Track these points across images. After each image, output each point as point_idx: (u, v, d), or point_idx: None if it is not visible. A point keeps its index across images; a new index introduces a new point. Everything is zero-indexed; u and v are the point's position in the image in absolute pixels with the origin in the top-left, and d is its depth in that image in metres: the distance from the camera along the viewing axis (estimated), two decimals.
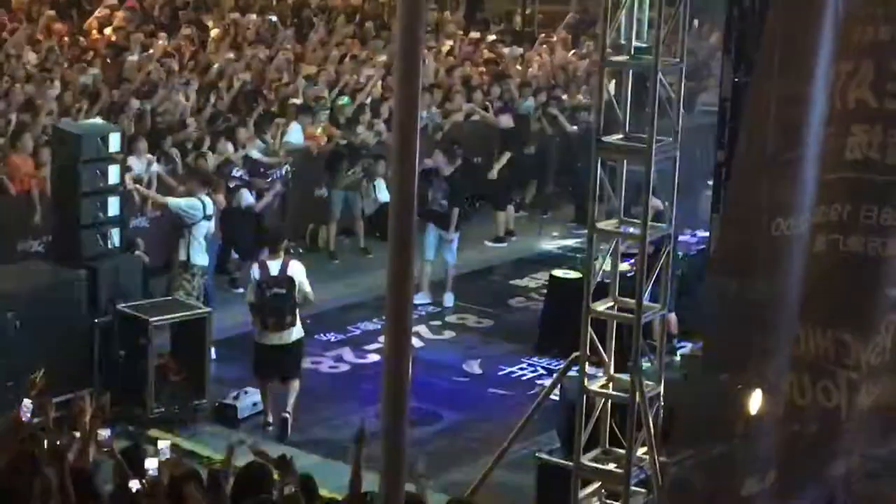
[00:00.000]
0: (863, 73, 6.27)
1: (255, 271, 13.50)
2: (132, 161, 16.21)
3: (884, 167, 6.30)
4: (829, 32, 6.23)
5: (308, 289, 13.48)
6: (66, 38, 21.93)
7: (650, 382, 10.92)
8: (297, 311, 13.38)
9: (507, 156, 19.90)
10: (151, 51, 21.43)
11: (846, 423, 6.39)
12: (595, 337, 11.01)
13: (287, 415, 13.37)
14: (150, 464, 9.83)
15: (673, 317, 14.50)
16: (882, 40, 6.26)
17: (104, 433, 9.76)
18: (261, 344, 13.47)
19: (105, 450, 9.31)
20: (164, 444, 9.45)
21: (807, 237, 6.34)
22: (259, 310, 13.38)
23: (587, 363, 11.07)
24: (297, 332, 13.47)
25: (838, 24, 6.25)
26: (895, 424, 6.43)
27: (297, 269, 13.45)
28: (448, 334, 16.10)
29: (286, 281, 13.34)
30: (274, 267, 13.41)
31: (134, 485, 8.85)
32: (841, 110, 6.33)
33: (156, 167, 16.94)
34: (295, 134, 18.84)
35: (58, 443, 8.91)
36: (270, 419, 13.48)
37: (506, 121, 20.29)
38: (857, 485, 6.47)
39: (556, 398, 12.03)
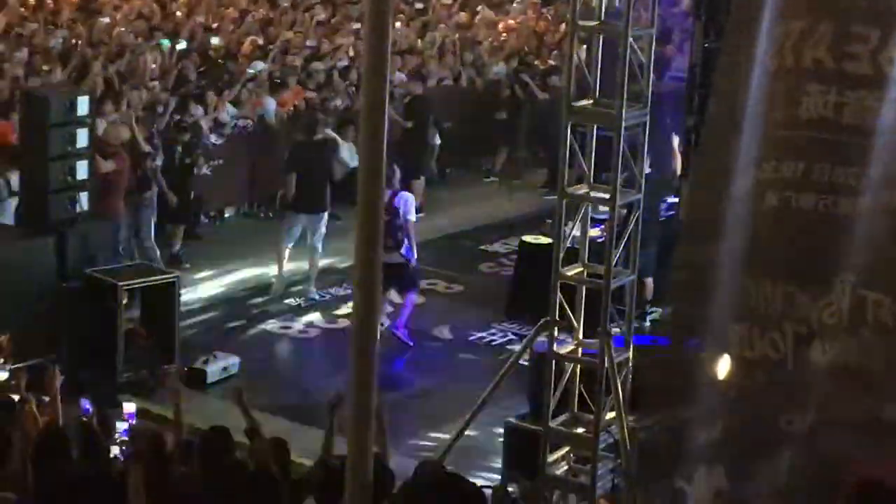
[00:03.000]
0: (820, 33, 6.29)
1: None
2: (98, 123, 16.08)
3: (838, 127, 6.34)
4: None
5: (412, 216, 14.79)
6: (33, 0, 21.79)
7: (619, 347, 10.95)
8: (399, 235, 14.44)
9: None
10: (122, 13, 21.34)
11: (794, 376, 6.44)
12: (564, 302, 11.02)
13: (397, 331, 14.62)
14: (120, 426, 9.89)
15: (650, 282, 14.54)
16: (843, 3, 6.28)
17: (82, 403, 9.78)
18: None
19: (84, 419, 9.33)
20: (130, 408, 9.46)
21: (753, 192, 6.37)
22: None
23: (557, 328, 11.09)
24: (397, 254, 14.46)
25: None
26: (857, 386, 6.47)
27: (402, 200, 14.60)
28: (418, 299, 16.09)
29: (390, 210, 14.27)
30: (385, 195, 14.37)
31: (113, 450, 8.89)
32: (794, 68, 6.35)
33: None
34: (269, 109, 18.73)
35: (28, 408, 8.94)
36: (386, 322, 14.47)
37: (415, 87, 19.77)
38: (823, 444, 6.51)
39: (526, 363, 12.05)
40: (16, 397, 9.37)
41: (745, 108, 6.36)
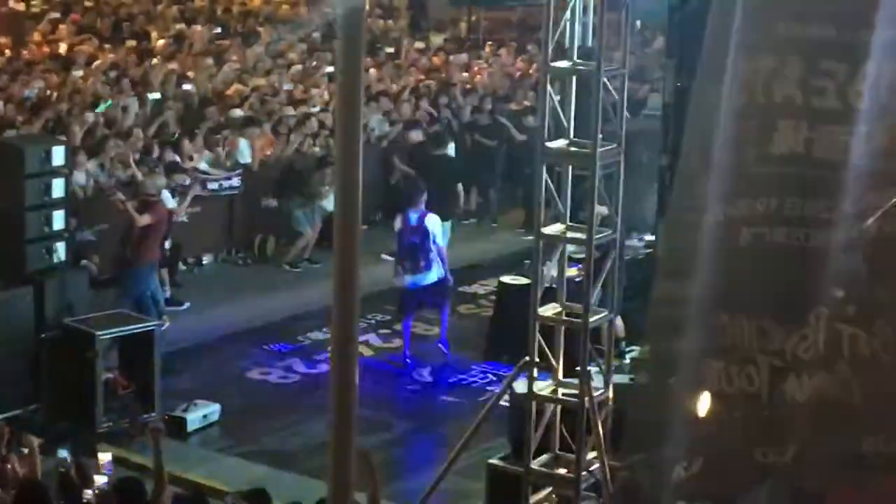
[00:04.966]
0: (789, 69, 6.34)
1: (398, 222, 15.26)
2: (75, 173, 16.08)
3: (808, 161, 6.38)
4: (739, 28, 6.32)
5: (440, 241, 15.35)
6: (7, 52, 21.81)
7: (599, 387, 10.96)
8: (431, 256, 15.01)
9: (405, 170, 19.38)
10: (97, 63, 21.37)
11: (770, 409, 6.45)
12: (543, 342, 11.03)
13: (440, 346, 15.34)
14: (99, 480, 9.84)
15: (619, 321, 14.54)
16: (811, 38, 6.34)
17: (61, 453, 9.74)
18: (404, 287, 15.22)
19: (62, 469, 9.28)
20: (105, 457, 9.41)
21: (725, 228, 6.41)
22: (398, 254, 15.18)
23: (536, 368, 11.10)
24: (433, 275, 15.13)
25: (748, 17, 6.33)
26: (835, 420, 6.49)
27: (432, 221, 15.10)
28: (398, 342, 16.08)
29: (421, 231, 14.91)
30: (413, 218, 15.04)
31: (86, 494, 8.85)
32: (766, 105, 6.40)
33: (101, 178, 16.91)
34: (243, 150, 18.76)
35: (8, 464, 8.90)
36: (408, 352, 15.16)
37: (415, 136, 19.98)
38: (802, 479, 6.52)
39: (507, 404, 12.04)
40: None
41: (716, 146, 6.42)
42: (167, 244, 16.97)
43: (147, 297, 15.33)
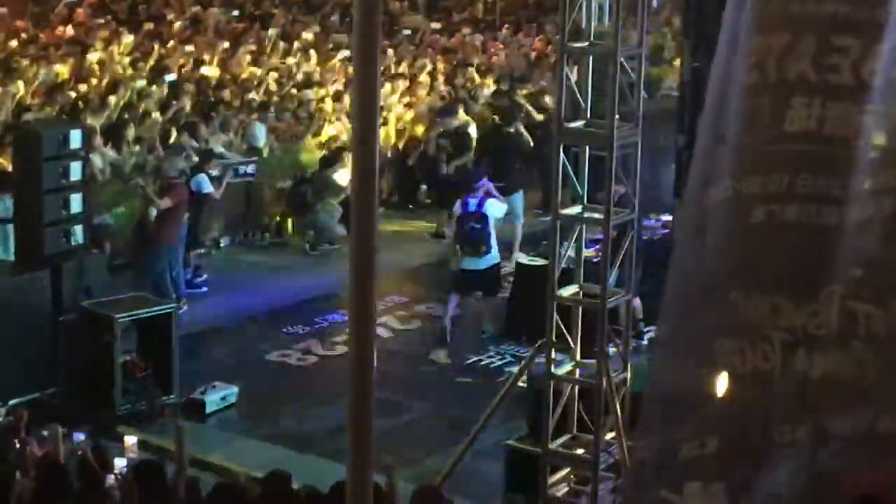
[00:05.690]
0: (803, 47, 6.32)
1: (458, 207, 15.30)
2: (92, 157, 16.10)
3: (821, 138, 6.36)
4: (752, 5, 6.32)
5: (500, 216, 15.65)
6: (25, 35, 21.84)
7: (617, 367, 10.96)
8: (492, 241, 15.15)
9: (467, 156, 19.47)
10: (113, 47, 21.39)
11: (784, 386, 6.44)
12: (561, 323, 11.03)
13: (486, 330, 15.60)
14: (119, 462, 9.87)
15: (637, 301, 14.55)
16: (823, 15, 6.32)
17: (78, 436, 9.76)
18: (459, 269, 15.32)
19: (79, 452, 9.31)
20: (131, 441, 9.44)
21: (737, 205, 6.39)
22: (458, 239, 15.24)
23: (554, 349, 11.10)
24: (490, 259, 15.28)
25: None
26: (850, 398, 6.47)
27: (491, 207, 15.22)
28: (415, 324, 16.09)
29: (481, 217, 15.00)
30: (472, 204, 15.11)
31: (108, 479, 8.88)
32: (778, 82, 6.38)
33: (118, 161, 16.95)
34: (258, 134, 18.76)
35: (28, 447, 8.92)
36: (448, 324, 15.13)
37: (450, 122, 19.86)
38: (818, 458, 6.51)
39: (524, 385, 12.04)
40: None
41: (726, 122, 6.41)
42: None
43: (165, 279, 15.36)
